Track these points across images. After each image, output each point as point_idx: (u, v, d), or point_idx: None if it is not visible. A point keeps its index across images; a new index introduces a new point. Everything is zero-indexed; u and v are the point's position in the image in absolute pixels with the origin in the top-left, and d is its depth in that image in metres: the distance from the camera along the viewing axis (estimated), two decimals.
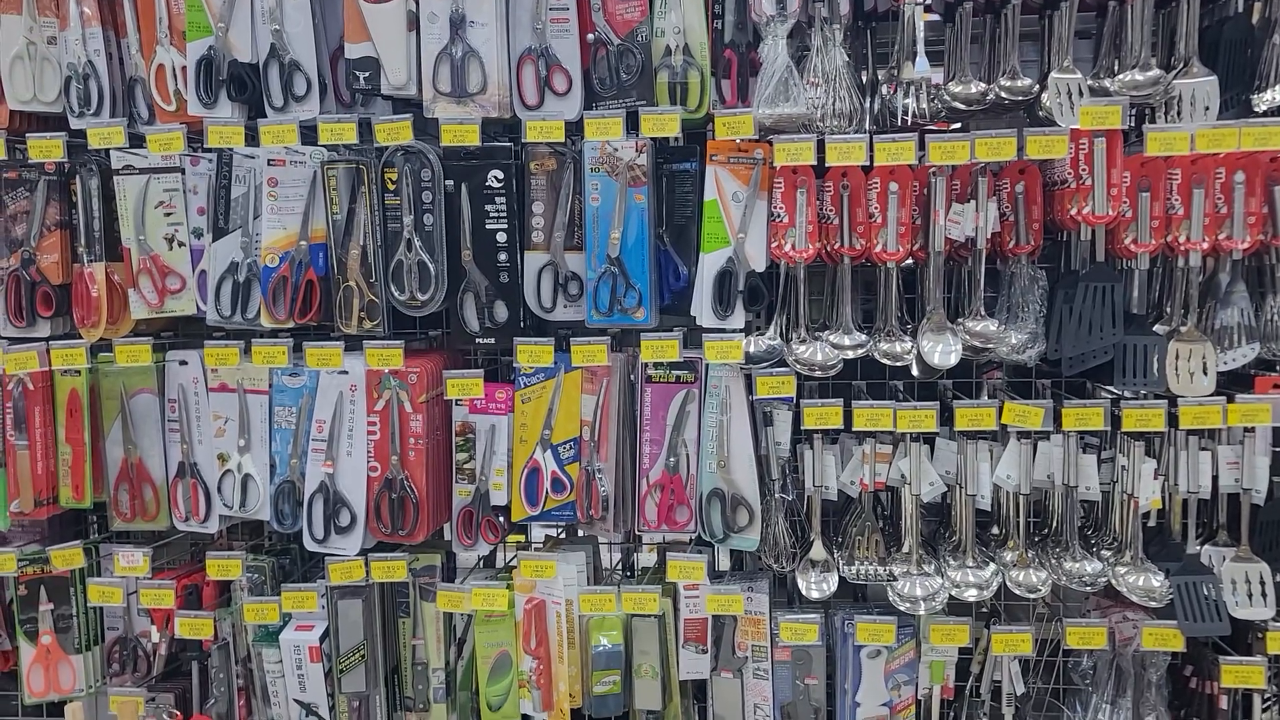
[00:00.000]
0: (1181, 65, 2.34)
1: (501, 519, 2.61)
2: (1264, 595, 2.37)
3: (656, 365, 2.51)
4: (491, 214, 2.50)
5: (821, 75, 2.36)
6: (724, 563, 2.60)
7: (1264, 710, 2.45)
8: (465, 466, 2.61)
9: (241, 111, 2.52)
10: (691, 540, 2.58)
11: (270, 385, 2.62)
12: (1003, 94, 2.38)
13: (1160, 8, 2.37)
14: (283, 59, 2.49)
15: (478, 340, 2.57)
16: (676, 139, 2.45)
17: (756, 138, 2.37)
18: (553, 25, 2.42)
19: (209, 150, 2.56)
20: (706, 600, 2.52)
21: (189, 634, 2.70)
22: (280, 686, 2.69)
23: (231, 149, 2.54)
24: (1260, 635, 2.38)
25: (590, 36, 2.43)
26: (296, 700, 2.66)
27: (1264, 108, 2.32)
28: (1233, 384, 2.38)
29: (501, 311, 2.54)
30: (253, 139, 2.48)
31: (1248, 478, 2.42)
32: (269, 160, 2.54)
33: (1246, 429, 2.39)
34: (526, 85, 2.43)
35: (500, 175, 2.49)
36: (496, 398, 2.57)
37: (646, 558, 2.58)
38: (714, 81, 2.41)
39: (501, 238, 2.51)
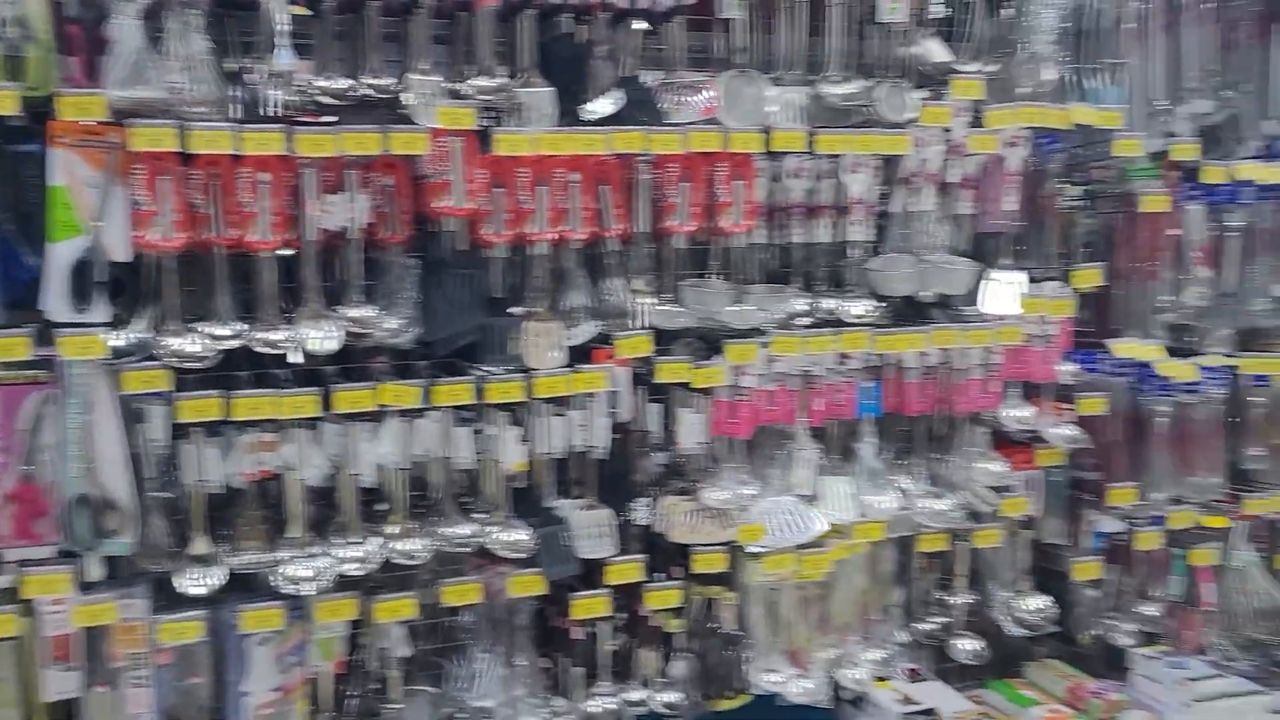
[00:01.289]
0: (523, 75, 2.61)
1: None
2: (606, 536, 2.76)
3: (5, 366, 2.28)
4: None
5: (181, 60, 2.29)
6: (96, 572, 2.43)
7: (614, 637, 2.85)
8: None
9: None
10: (57, 552, 2.39)
11: None
12: (367, 91, 2.48)
13: (503, 21, 2.62)
14: None
15: None
16: (18, 118, 2.22)
17: (111, 121, 2.24)
18: None
19: None
20: (73, 614, 2.35)
21: None
22: None
23: None
24: (603, 570, 2.77)
25: None
26: None
27: (590, 117, 2.67)
28: (578, 357, 2.72)
29: None
30: None
31: (592, 437, 2.79)
32: None
33: (589, 395, 2.75)
34: None
35: None
36: None
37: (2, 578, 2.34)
38: (58, 58, 2.24)
39: None
